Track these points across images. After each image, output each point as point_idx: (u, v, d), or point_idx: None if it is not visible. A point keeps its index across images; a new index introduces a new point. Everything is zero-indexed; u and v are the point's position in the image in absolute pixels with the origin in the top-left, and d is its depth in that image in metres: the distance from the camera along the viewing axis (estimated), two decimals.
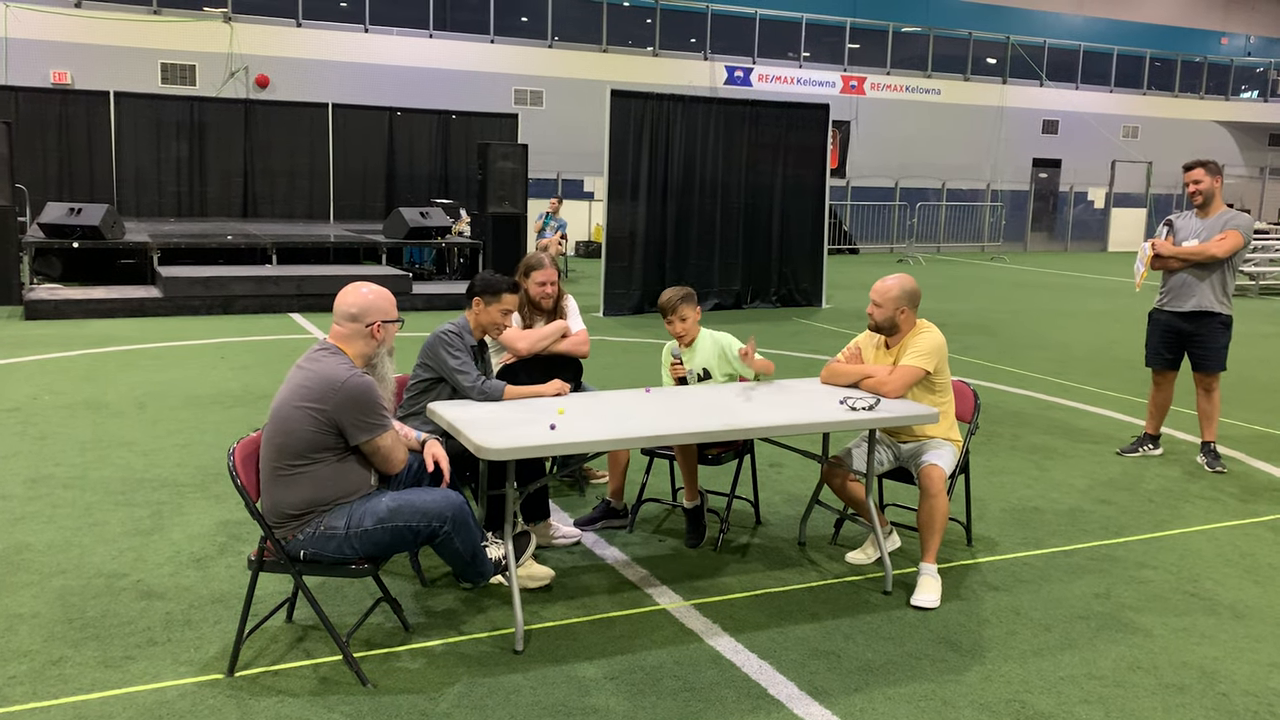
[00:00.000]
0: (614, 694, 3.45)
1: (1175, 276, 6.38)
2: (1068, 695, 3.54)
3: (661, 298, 5.01)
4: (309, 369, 3.56)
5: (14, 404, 7.21)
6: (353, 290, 3.72)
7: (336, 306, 3.71)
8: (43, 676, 3.45)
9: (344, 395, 3.48)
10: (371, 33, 21.23)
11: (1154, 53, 30.42)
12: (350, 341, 3.67)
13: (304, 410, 3.49)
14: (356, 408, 3.50)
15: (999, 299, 15.78)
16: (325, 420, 3.48)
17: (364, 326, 3.67)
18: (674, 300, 4.94)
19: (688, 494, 4.90)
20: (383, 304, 3.72)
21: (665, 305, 4.96)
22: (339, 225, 17.62)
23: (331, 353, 3.62)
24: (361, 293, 3.71)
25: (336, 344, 3.67)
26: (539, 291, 5.22)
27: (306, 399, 3.49)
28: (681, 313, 4.92)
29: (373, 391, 3.55)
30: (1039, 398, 8.41)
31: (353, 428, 3.52)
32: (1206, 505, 5.69)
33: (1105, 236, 27.96)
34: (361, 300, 3.69)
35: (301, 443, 3.49)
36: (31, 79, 18.15)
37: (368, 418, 3.53)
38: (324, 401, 3.48)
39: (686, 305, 4.93)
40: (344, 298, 3.71)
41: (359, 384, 3.51)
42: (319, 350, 3.64)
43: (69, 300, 11.45)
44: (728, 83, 24.47)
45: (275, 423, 3.54)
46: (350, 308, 3.67)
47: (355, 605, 4.06)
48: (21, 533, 4.75)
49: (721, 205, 13.59)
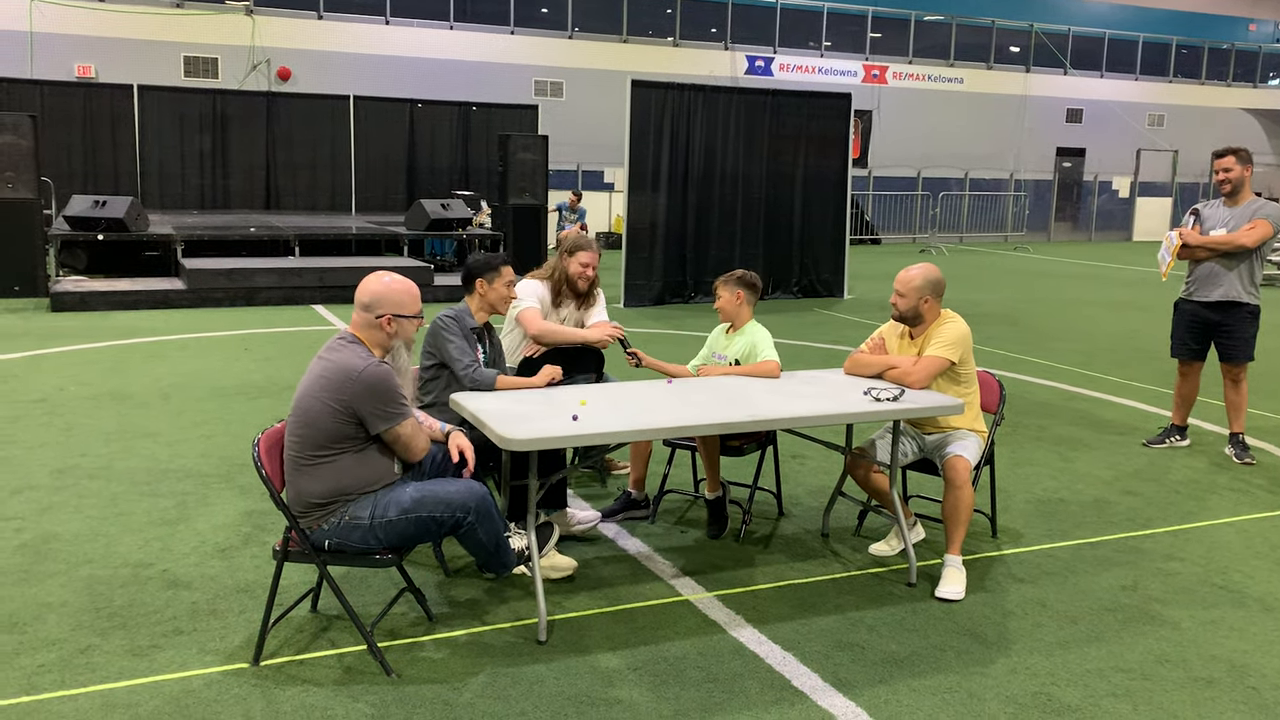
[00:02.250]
0: (637, 685, 3.45)
1: (1202, 266, 6.31)
2: (1095, 688, 3.51)
3: (741, 277, 5.03)
4: (328, 359, 3.57)
5: (41, 395, 7.28)
6: (373, 279, 3.68)
7: (357, 294, 3.67)
8: (71, 665, 3.49)
9: (361, 385, 3.47)
10: (392, 25, 21.26)
11: (1180, 40, 30.08)
12: (366, 331, 3.64)
13: (323, 401, 3.49)
14: (374, 397, 3.49)
15: (1023, 289, 15.66)
16: (345, 410, 3.48)
17: (375, 318, 3.62)
18: (723, 276, 5.00)
19: (709, 485, 4.89)
20: (397, 296, 3.64)
21: (742, 283, 4.97)
22: (361, 217, 17.67)
23: (350, 343, 3.61)
24: (381, 282, 3.66)
25: (355, 333, 3.65)
26: (578, 271, 5.26)
27: (326, 390, 3.50)
28: (718, 291, 4.96)
29: (390, 380, 3.53)
30: (1064, 388, 8.34)
31: (372, 416, 3.51)
32: (1235, 497, 5.63)
33: (1130, 226, 27.70)
34: (376, 290, 3.63)
35: (323, 434, 3.50)
36: (56, 73, 18.27)
37: (386, 406, 3.52)
38: (342, 392, 3.48)
39: (724, 285, 4.94)
40: (362, 286, 3.66)
41: (375, 373, 3.50)
42: (338, 340, 3.64)
43: (94, 292, 11.54)
44: (749, 72, 24.36)
45: (297, 414, 3.55)
46: (364, 296, 3.63)
47: (379, 595, 4.08)
48: (49, 522, 4.80)
49: (743, 196, 13.53)
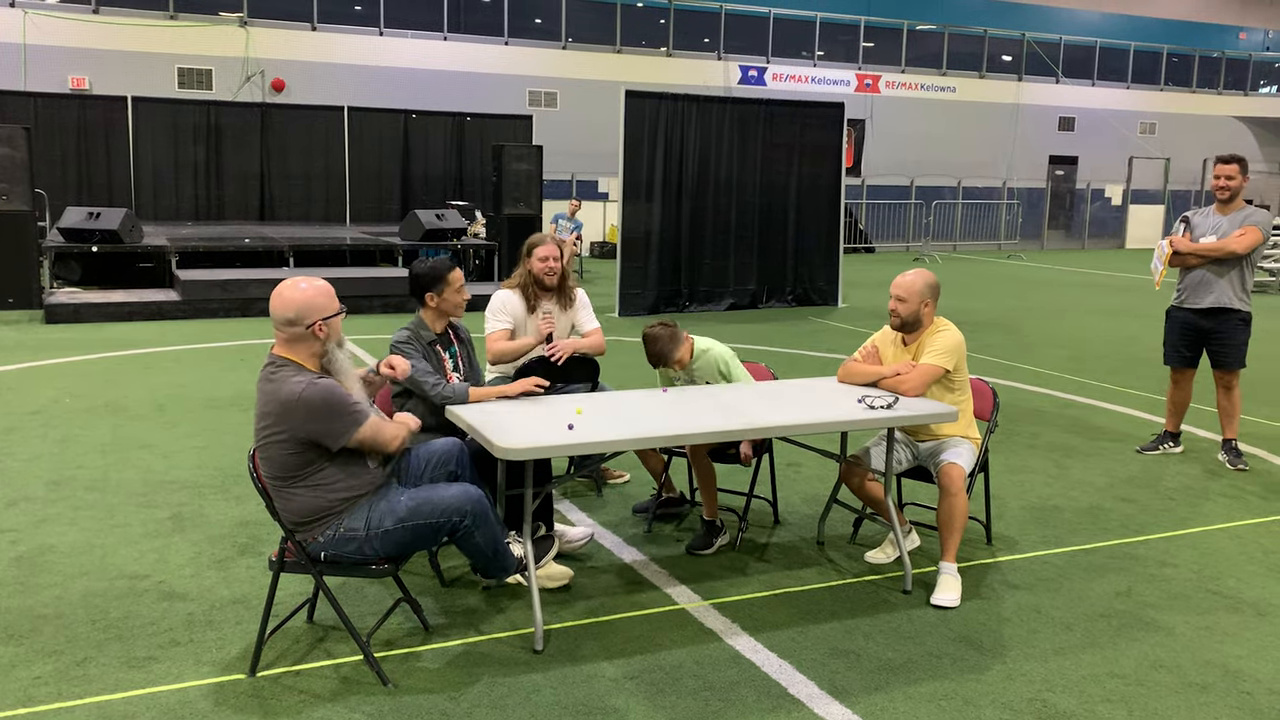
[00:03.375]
0: (633, 693, 3.46)
1: (1193, 273, 6.34)
2: (1090, 694, 3.52)
3: (649, 352, 4.74)
4: (265, 391, 3.41)
5: (36, 407, 7.27)
6: (287, 291, 3.43)
7: (272, 311, 3.42)
8: (67, 676, 3.48)
9: (304, 410, 3.34)
10: (386, 36, 21.31)
11: (1171, 48, 30.22)
12: (295, 347, 3.44)
13: (274, 437, 3.39)
14: (322, 417, 3.37)
15: (1016, 297, 15.71)
16: (297, 440, 3.38)
17: (305, 329, 3.41)
18: (661, 351, 4.70)
19: (706, 508, 4.84)
20: (320, 300, 3.44)
21: (657, 357, 4.74)
22: (355, 228, 17.67)
23: (279, 368, 3.42)
24: (299, 290, 3.42)
25: (282, 354, 3.45)
26: (542, 268, 5.20)
27: (273, 425, 3.38)
28: (678, 357, 4.73)
29: (332, 393, 3.38)
30: (1057, 396, 8.37)
31: (327, 436, 3.40)
32: (1228, 503, 5.65)
33: (1123, 234, 27.79)
34: (296, 301, 3.40)
35: (286, 466, 3.43)
36: (50, 84, 18.29)
37: (337, 421, 3.40)
38: (289, 422, 3.35)
39: (673, 348, 4.70)
40: (278, 301, 3.41)
41: (314, 393, 3.33)
42: (267, 368, 3.45)
43: (88, 304, 11.53)
44: (742, 82, 24.44)
45: (258, 445, 3.48)
46: (286, 311, 3.39)
47: (375, 605, 4.08)
48: (45, 534, 4.79)
49: (736, 205, 13.56)
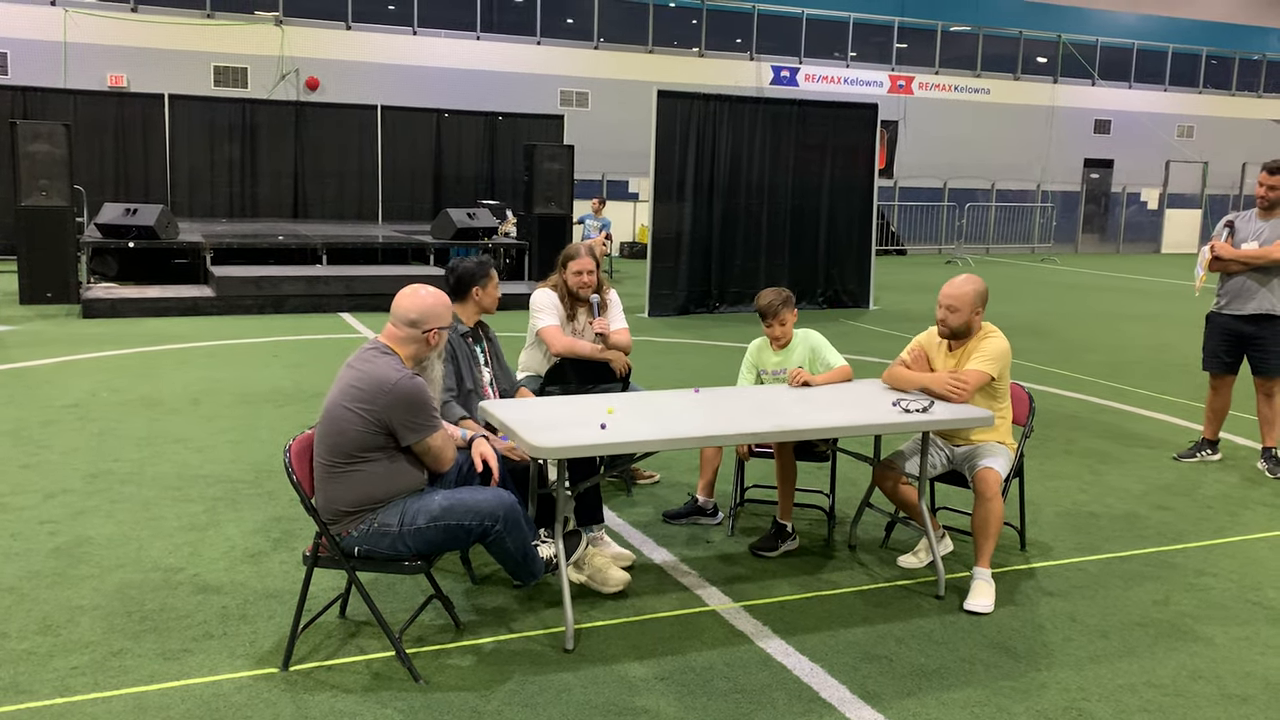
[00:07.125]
0: (664, 694, 3.45)
1: (1235, 279, 6.25)
2: (1126, 704, 3.47)
3: (761, 300, 4.89)
4: (360, 369, 3.57)
5: (73, 400, 7.36)
6: (413, 294, 3.70)
7: (396, 309, 3.69)
8: (104, 667, 3.52)
9: (394, 396, 3.49)
10: (420, 35, 21.43)
11: (1210, 50, 29.84)
12: (404, 344, 3.67)
13: (354, 411, 3.50)
14: (407, 409, 3.51)
15: (1050, 301, 15.56)
16: (375, 421, 3.50)
17: (421, 333, 3.67)
18: (775, 305, 4.84)
19: (782, 510, 4.80)
20: (441, 310, 3.71)
21: (765, 309, 4.86)
22: (387, 226, 17.78)
23: (382, 353, 3.62)
24: (421, 297, 3.69)
25: (389, 344, 3.66)
26: (576, 281, 5.27)
27: (357, 399, 3.51)
28: (782, 317, 4.85)
29: (424, 393, 3.55)
30: (1093, 401, 8.28)
31: (403, 428, 3.53)
32: (1268, 512, 5.56)
33: (1159, 238, 27.44)
34: (422, 305, 3.67)
35: (352, 442, 3.52)
36: (89, 82, 18.54)
37: (418, 418, 3.54)
38: (374, 402, 3.49)
39: (786, 310, 4.85)
40: (404, 301, 3.68)
41: (410, 386, 3.51)
42: (370, 350, 3.64)
43: (125, 299, 11.67)
44: (774, 83, 24.37)
45: (326, 422, 3.57)
46: (410, 312, 3.66)
47: (407, 602, 4.09)
48: (83, 526, 4.85)
49: (768, 206, 13.52)
